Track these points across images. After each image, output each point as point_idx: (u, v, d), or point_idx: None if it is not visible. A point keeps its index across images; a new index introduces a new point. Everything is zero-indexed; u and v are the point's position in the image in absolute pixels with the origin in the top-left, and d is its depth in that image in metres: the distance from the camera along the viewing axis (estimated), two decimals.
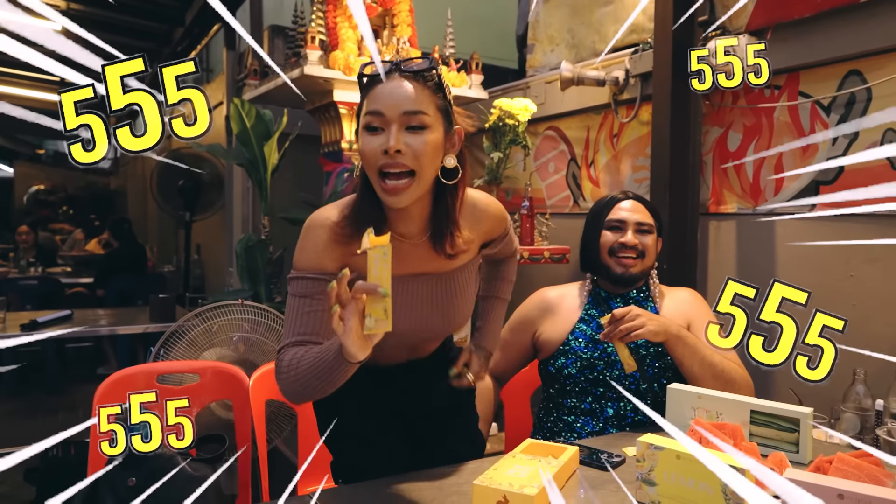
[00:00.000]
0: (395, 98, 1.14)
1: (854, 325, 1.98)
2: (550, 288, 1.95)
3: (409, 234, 1.27)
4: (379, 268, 0.98)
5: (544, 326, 1.84)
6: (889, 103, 1.92)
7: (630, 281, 1.81)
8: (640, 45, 2.66)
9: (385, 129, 1.14)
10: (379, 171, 1.15)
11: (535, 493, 1.14)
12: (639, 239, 1.79)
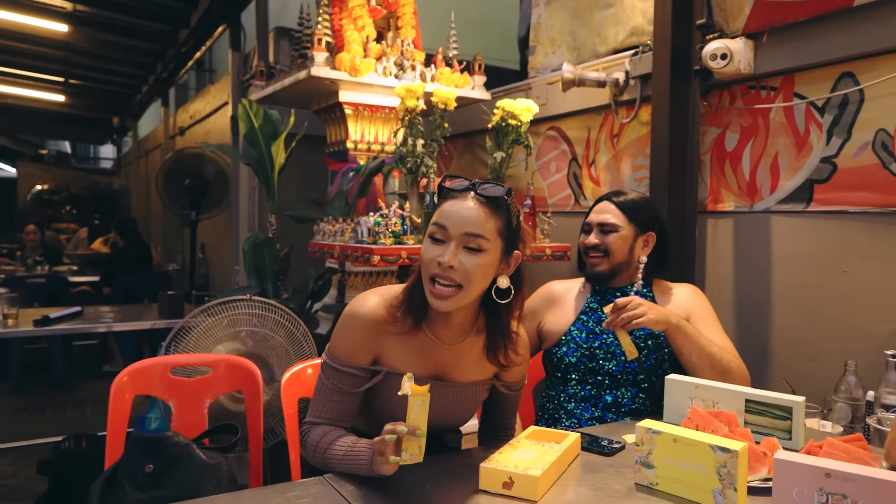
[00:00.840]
0: (462, 217, 1.27)
1: (847, 320, 2.05)
2: (557, 281, 2.03)
3: (445, 337, 1.39)
4: (418, 412, 1.17)
5: (548, 317, 1.92)
6: (881, 104, 1.98)
7: (601, 277, 1.88)
8: (639, 47, 2.72)
9: (445, 242, 1.27)
10: (431, 277, 1.29)
11: (540, 474, 1.21)
12: (601, 239, 1.87)
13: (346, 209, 3.05)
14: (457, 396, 1.46)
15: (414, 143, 2.46)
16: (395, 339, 1.38)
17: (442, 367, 1.42)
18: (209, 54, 7.77)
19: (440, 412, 1.43)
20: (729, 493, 1.15)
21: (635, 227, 1.88)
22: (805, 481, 1.07)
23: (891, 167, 1.95)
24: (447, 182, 1.33)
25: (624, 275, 1.89)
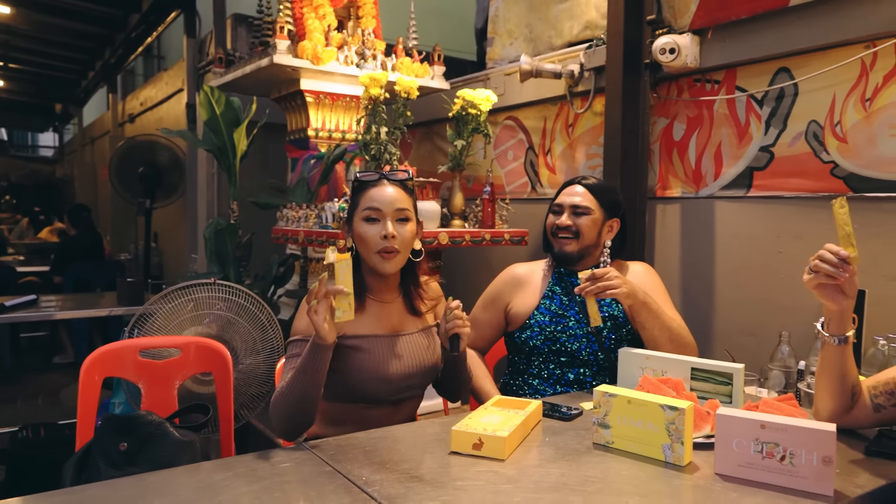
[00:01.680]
0: (390, 198, 1.58)
1: (782, 295, 2.22)
2: (519, 265, 2.09)
3: (386, 298, 1.67)
4: (344, 274, 1.35)
5: (515, 301, 1.99)
6: (813, 98, 2.15)
7: (568, 259, 1.95)
8: (593, 40, 2.85)
9: (381, 221, 1.56)
10: (377, 251, 1.56)
11: (507, 435, 1.31)
12: (573, 220, 1.92)
13: (308, 196, 3.10)
14: (419, 342, 1.66)
15: (378, 131, 2.52)
16: None
17: (395, 324, 1.65)
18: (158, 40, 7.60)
19: (415, 360, 1.63)
20: (676, 447, 1.28)
21: (604, 212, 1.96)
22: (743, 433, 1.20)
23: (821, 156, 2.12)
24: (362, 176, 1.63)
25: (589, 258, 1.97)
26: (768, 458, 1.18)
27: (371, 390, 1.57)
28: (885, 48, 1.95)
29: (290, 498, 1.13)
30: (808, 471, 1.14)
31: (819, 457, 1.13)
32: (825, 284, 1.30)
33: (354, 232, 1.60)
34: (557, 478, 1.21)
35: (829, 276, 1.28)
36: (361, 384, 1.56)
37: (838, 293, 1.30)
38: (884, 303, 1.92)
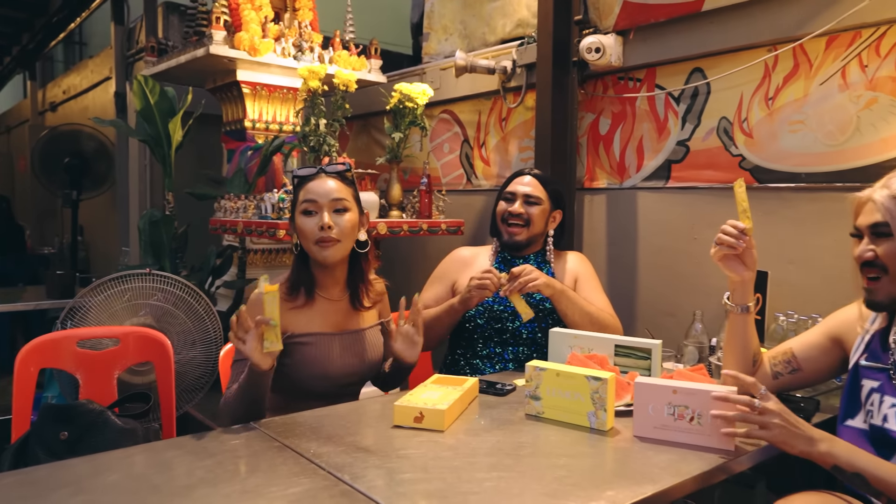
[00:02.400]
0: (326, 190, 1.60)
1: (697, 278, 2.40)
2: (465, 248, 2.21)
3: (332, 295, 1.69)
4: (272, 306, 1.39)
5: (461, 280, 2.09)
6: (723, 96, 2.34)
7: (517, 246, 2.09)
8: (525, 38, 2.97)
9: (318, 213, 1.59)
10: (315, 242, 1.59)
11: (446, 408, 1.40)
12: (525, 209, 2.06)
13: (246, 187, 3.10)
14: (364, 339, 1.71)
15: (317, 123, 2.57)
16: (296, 311, 1.64)
17: (341, 322, 1.69)
18: (80, 26, 7.31)
19: (358, 358, 1.68)
20: (600, 414, 1.40)
21: (551, 203, 2.10)
22: (657, 398, 1.34)
23: (731, 149, 2.31)
24: (300, 171, 1.66)
25: (535, 246, 2.11)
26: (679, 419, 1.32)
27: (314, 386, 1.62)
28: (785, 52, 2.15)
29: (242, 471, 1.19)
30: (713, 429, 1.28)
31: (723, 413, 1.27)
32: (728, 256, 1.46)
33: (296, 225, 1.63)
34: (493, 445, 1.31)
35: (730, 247, 1.44)
36: (305, 380, 1.62)
37: (739, 265, 1.46)
38: (784, 283, 2.12)
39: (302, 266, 1.66)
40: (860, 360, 1.36)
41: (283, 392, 1.64)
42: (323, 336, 1.65)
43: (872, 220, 1.24)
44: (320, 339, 1.64)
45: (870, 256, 1.25)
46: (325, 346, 1.64)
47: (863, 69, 1.99)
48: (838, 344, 1.46)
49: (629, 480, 1.15)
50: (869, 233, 1.25)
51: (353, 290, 1.72)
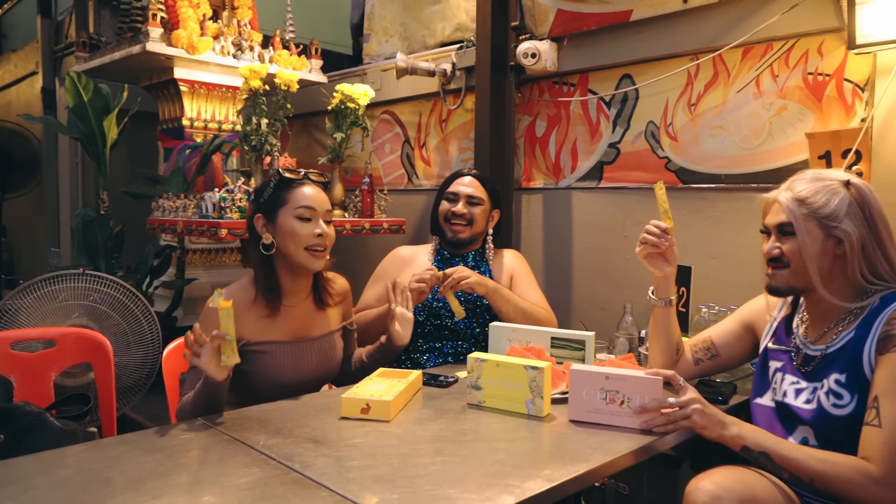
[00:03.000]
0: (322, 200, 1.67)
1: (627, 274, 2.53)
2: (404, 247, 2.27)
3: (296, 301, 1.72)
4: (226, 321, 1.42)
5: (401, 278, 2.14)
6: (651, 101, 2.48)
7: (460, 244, 2.17)
8: (464, 42, 3.05)
9: (313, 220, 1.64)
10: (307, 247, 1.63)
11: (392, 398, 1.46)
12: (468, 209, 2.15)
13: (184, 186, 3.07)
14: (321, 348, 1.74)
15: (258, 122, 2.57)
16: (254, 318, 1.65)
17: (300, 328, 1.71)
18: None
19: (316, 364, 1.72)
20: (537, 401, 1.49)
21: (490, 203, 2.19)
22: (591, 384, 1.44)
23: (657, 152, 2.45)
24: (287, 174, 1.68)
25: (475, 244, 2.20)
26: (611, 403, 1.42)
27: (266, 392, 1.64)
28: (706, 61, 2.30)
29: (192, 463, 1.22)
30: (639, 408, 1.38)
31: (650, 399, 1.38)
32: (652, 254, 1.58)
33: (280, 226, 1.63)
34: (436, 432, 1.38)
35: (654, 246, 1.56)
36: (260, 387, 1.64)
37: (662, 261, 1.58)
38: (706, 277, 2.27)
39: (270, 271, 1.66)
40: (768, 344, 1.50)
41: (239, 394, 1.66)
42: (279, 345, 1.66)
43: (778, 220, 1.37)
44: (276, 348, 1.66)
45: (776, 253, 1.37)
46: (280, 355, 1.66)
47: (774, 79, 2.16)
48: (750, 331, 1.59)
49: (564, 460, 1.24)
50: (776, 231, 1.38)
51: (315, 291, 1.76)
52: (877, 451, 1.19)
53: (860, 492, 1.19)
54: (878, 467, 1.18)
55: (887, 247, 1.31)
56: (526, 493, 1.09)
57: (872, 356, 1.26)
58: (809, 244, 1.31)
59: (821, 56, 2.05)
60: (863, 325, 1.30)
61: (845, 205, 1.31)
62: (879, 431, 1.20)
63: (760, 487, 1.25)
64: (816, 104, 2.07)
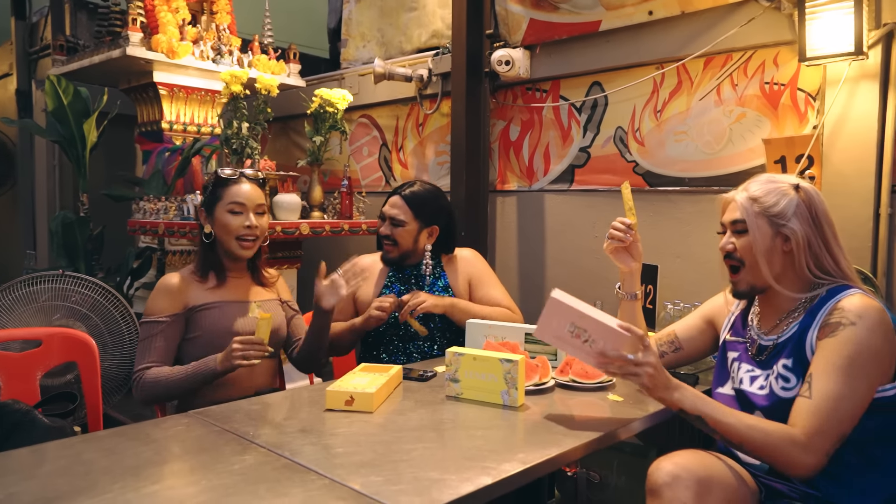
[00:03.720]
0: (252, 195, 1.87)
1: (598, 272, 2.64)
2: (364, 256, 2.31)
3: (238, 275, 1.94)
4: (264, 330, 1.68)
5: (360, 291, 2.19)
6: (619, 108, 2.59)
7: (391, 262, 2.19)
8: (440, 48, 3.14)
9: (244, 213, 1.84)
10: (237, 238, 1.84)
11: (375, 391, 1.54)
12: (391, 230, 2.15)
13: (164, 189, 3.11)
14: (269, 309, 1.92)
15: (239, 126, 2.63)
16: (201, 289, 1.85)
17: (244, 294, 1.92)
18: None
19: None
20: (512, 392, 1.58)
21: (419, 222, 2.16)
22: (564, 315, 1.50)
23: (626, 156, 2.57)
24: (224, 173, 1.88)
25: (412, 258, 2.20)
26: (575, 338, 1.49)
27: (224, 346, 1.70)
28: (670, 70, 2.42)
29: (187, 452, 1.28)
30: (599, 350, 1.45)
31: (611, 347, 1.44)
32: (618, 249, 1.69)
33: (217, 219, 1.85)
34: (417, 422, 1.46)
35: (620, 241, 1.66)
36: (216, 340, 1.77)
37: (628, 256, 1.69)
38: (672, 275, 2.39)
39: (211, 255, 1.88)
40: (726, 337, 1.61)
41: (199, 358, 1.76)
42: (229, 303, 1.86)
43: (733, 217, 1.48)
44: (223, 305, 1.85)
45: (730, 248, 1.48)
46: (231, 309, 1.85)
47: (734, 87, 2.28)
48: (711, 325, 1.70)
49: (537, 445, 1.33)
50: (730, 228, 1.49)
51: (253, 271, 1.97)
52: (803, 418, 1.30)
53: (785, 456, 1.30)
54: (802, 433, 1.29)
55: (832, 245, 1.43)
56: (502, 473, 1.17)
57: (814, 342, 1.38)
58: (759, 240, 1.42)
59: (776, 67, 2.18)
60: (809, 315, 1.42)
61: (793, 205, 1.42)
62: (809, 402, 1.31)
63: (717, 469, 1.36)
64: (773, 112, 2.20)
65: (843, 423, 1.29)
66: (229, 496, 1.07)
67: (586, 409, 1.58)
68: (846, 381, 1.29)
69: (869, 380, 1.31)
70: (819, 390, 1.31)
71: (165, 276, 1.88)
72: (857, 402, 1.30)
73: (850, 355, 1.30)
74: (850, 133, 1.97)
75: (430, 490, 1.09)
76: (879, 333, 1.32)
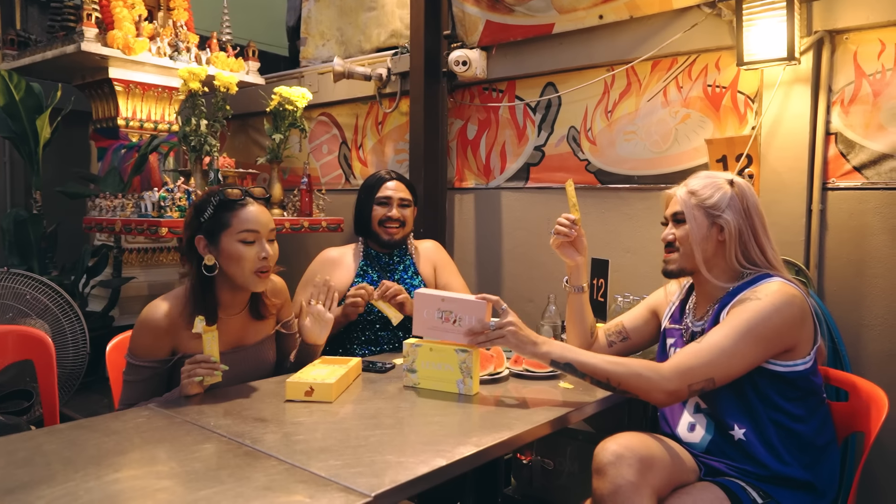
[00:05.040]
0: (265, 220, 1.65)
1: (552, 267, 2.72)
2: (331, 249, 2.37)
3: (233, 312, 1.73)
4: (211, 345, 1.56)
5: (333, 279, 2.22)
6: (572, 108, 2.68)
7: (395, 245, 2.31)
8: (398, 48, 3.19)
9: (257, 242, 1.63)
10: (256, 270, 1.63)
11: (334, 381, 1.59)
12: (401, 212, 2.28)
13: (120, 186, 3.08)
14: (257, 355, 1.80)
15: (198, 123, 2.63)
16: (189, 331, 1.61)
17: (236, 337, 1.75)
18: None
19: (250, 370, 1.77)
20: (467, 381, 1.64)
21: (414, 202, 2.35)
22: (430, 304, 1.65)
23: (578, 155, 2.66)
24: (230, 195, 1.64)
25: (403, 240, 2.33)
26: (445, 321, 1.64)
27: None
28: (620, 72, 2.51)
29: (148, 442, 1.31)
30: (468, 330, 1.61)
31: (476, 320, 1.60)
32: (564, 243, 1.76)
33: (224, 250, 1.61)
34: (376, 410, 1.51)
35: (565, 236, 1.74)
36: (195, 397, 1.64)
37: (573, 251, 1.77)
38: (622, 269, 2.49)
39: (208, 289, 1.65)
40: (666, 325, 1.70)
41: None
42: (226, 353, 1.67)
43: (674, 209, 1.58)
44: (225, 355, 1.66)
45: (671, 238, 1.59)
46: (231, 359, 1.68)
47: (679, 89, 2.39)
48: (655, 315, 1.80)
49: (490, 430, 1.39)
50: (671, 220, 1.59)
51: (252, 304, 1.76)
52: (678, 357, 1.44)
53: (646, 381, 1.42)
54: (668, 365, 1.43)
55: (760, 237, 1.54)
56: (456, 455, 1.23)
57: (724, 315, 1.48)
58: (696, 230, 1.53)
59: (718, 70, 2.29)
60: (728, 296, 1.52)
61: (727, 198, 1.53)
62: (693, 345, 1.44)
63: (658, 449, 1.44)
64: (715, 113, 2.31)
65: (714, 369, 1.40)
66: (191, 482, 1.10)
67: (538, 396, 1.66)
68: (731, 338, 1.40)
69: (758, 346, 1.41)
70: (705, 340, 1.43)
71: (151, 308, 1.63)
72: (737, 360, 1.41)
73: (746, 320, 1.42)
74: (784, 134, 2.09)
75: (386, 472, 1.15)
76: (783, 311, 1.43)
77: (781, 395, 1.46)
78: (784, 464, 1.44)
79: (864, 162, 2.02)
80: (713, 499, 1.42)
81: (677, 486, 1.44)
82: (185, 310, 1.63)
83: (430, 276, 2.35)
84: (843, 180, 2.05)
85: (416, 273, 2.33)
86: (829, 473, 1.50)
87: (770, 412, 1.46)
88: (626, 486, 1.34)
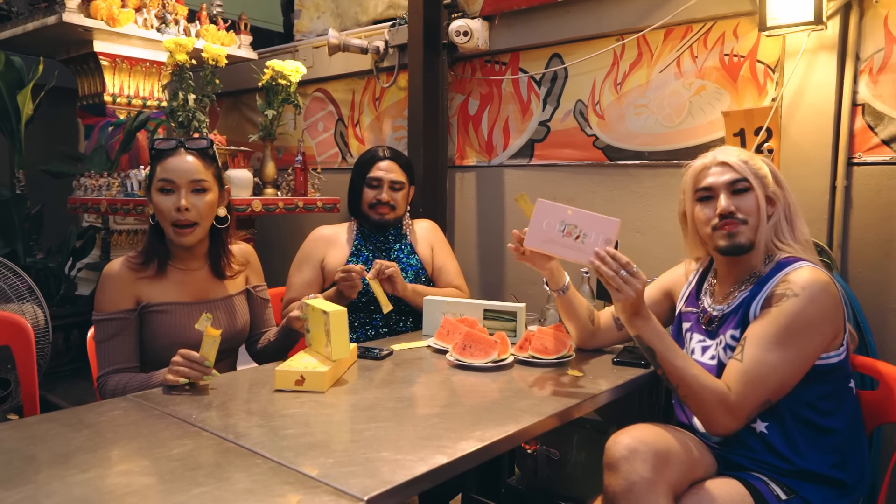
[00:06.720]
0: (184, 170, 1.59)
1: None
2: (324, 227, 2.27)
3: (190, 266, 1.70)
4: (210, 348, 1.46)
5: (328, 257, 2.17)
6: (579, 80, 2.54)
7: (386, 226, 2.21)
8: (396, 19, 3.04)
9: (175, 192, 1.58)
10: (172, 223, 1.59)
11: (326, 370, 1.47)
12: (391, 195, 2.18)
13: (107, 164, 2.96)
14: (228, 309, 1.73)
15: (185, 98, 2.51)
16: (149, 281, 1.64)
17: (199, 291, 1.70)
18: None
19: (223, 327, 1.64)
20: (329, 346, 1.48)
21: (409, 182, 2.24)
22: (553, 215, 1.50)
23: (585, 130, 2.53)
24: (158, 144, 1.63)
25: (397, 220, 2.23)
26: (567, 236, 1.48)
27: (169, 356, 1.49)
28: (630, 41, 2.38)
29: (122, 438, 1.20)
30: (591, 248, 1.42)
31: (603, 238, 1.44)
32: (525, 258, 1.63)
33: (153, 201, 1.61)
34: (371, 401, 1.41)
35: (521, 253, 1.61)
36: (163, 350, 1.59)
37: (542, 258, 1.62)
38: (631, 249, 2.36)
39: (156, 238, 1.65)
40: (682, 307, 1.59)
41: (145, 365, 1.63)
42: (179, 305, 1.65)
43: (729, 177, 1.42)
44: (176, 308, 1.64)
45: (733, 209, 1.42)
46: (182, 314, 1.64)
47: (693, 59, 2.26)
48: (669, 297, 1.69)
49: (495, 422, 1.29)
50: (726, 190, 1.43)
51: (213, 261, 1.72)
52: (734, 381, 1.33)
53: (712, 413, 1.33)
54: (733, 395, 1.32)
55: (794, 213, 1.44)
56: (458, 452, 1.13)
57: (758, 311, 1.38)
58: (760, 198, 1.41)
59: (736, 38, 2.16)
60: (757, 285, 1.42)
61: (771, 171, 1.43)
62: (740, 365, 1.33)
63: (675, 442, 1.34)
64: (732, 84, 2.18)
65: (770, 391, 1.32)
66: (165, 483, 1.00)
67: (546, 385, 1.55)
68: (778, 351, 1.31)
69: (804, 350, 1.33)
70: (750, 355, 1.33)
71: (109, 265, 1.65)
72: (788, 373, 1.32)
73: (787, 325, 1.32)
74: (808, 105, 1.96)
75: (381, 471, 1.04)
76: (821, 304, 1.33)
77: (810, 390, 1.36)
78: (809, 460, 1.34)
79: (894, 135, 1.89)
80: (734, 495, 1.32)
81: (694, 482, 1.34)
82: (136, 262, 1.64)
83: (428, 257, 2.26)
84: (871, 154, 1.93)
85: (413, 252, 2.24)
86: (858, 468, 1.40)
87: (796, 407, 1.36)
88: (640, 483, 1.24)
